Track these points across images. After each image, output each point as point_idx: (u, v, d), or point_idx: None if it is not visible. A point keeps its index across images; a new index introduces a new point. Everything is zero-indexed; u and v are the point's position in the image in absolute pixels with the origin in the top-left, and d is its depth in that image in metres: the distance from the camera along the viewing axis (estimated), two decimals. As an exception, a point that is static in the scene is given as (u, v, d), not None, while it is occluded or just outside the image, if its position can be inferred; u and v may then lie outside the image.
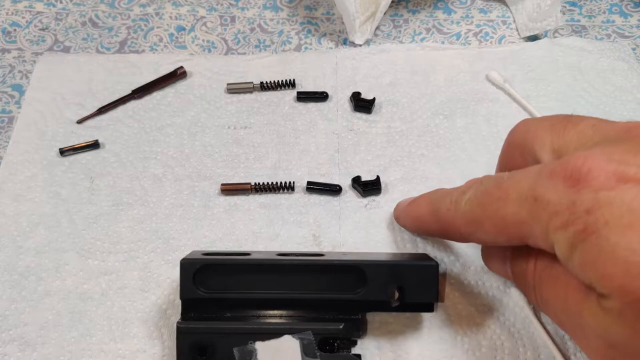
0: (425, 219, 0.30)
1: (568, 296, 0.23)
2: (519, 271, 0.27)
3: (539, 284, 0.25)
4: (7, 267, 0.34)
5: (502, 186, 0.24)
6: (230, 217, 0.36)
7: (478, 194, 0.26)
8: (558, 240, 0.22)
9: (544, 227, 0.22)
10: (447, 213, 0.28)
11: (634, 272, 0.19)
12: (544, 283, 0.25)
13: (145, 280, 0.34)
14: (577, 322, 0.23)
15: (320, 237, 0.35)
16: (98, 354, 0.32)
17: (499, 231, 0.25)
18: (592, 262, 0.21)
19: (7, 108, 0.41)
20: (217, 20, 0.46)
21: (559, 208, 0.21)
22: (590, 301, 0.22)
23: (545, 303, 0.25)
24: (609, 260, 0.20)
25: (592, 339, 0.22)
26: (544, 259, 0.25)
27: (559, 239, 0.22)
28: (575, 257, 0.21)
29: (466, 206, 0.26)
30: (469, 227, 0.26)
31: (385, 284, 0.29)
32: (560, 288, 0.24)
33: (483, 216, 0.25)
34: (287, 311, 0.30)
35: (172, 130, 0.40)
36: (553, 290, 0.24)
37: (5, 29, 0.45)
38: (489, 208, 0.25)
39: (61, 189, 0.37)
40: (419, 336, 0.32)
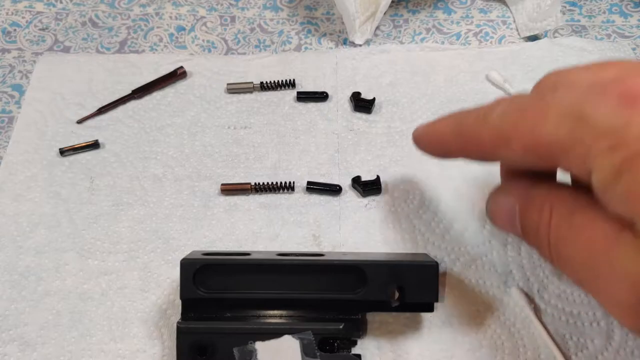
0: (447, 135, 0.27)
1: (594, 244, 0.21)
2: (531, 225, 0.24)
3: (556, 236, 0.23)
4: (7, 267, 0.34)
5: (541, 101, 0.22)
6: (230, 217, 0.36)
7: (511, 109, 0.23)
8: (600, 165, 0.19)
9: (585, 149, 0.20)
10: (472, 126, 0.25)
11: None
12: (562, 235, 0.23)
13: (145, 280, 0.34)
14: (604, 272, 0.21)
15: (320, 237, 0.35)
16: (98, 354, 0.32)
17: (529, 150, 0.22)
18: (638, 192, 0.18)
19: (7, 108, 0.41)
20: (217, 20, 0.46)
21: (609, 129, 0.19)
22: (624, 243, 0.20)
23: (562, 258, 0.23)
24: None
25: (621, 289, 0.20)
26: (562, 208, 0.23)
27: (601, 164, 0.19)
28: (619, 186, 0.19)
29: (496, 120, 0.23)
30: (495, 142, 0.23)
31: (385, 284, 0.29)
32: (583, 237, 0.22)
33: (514, 132, 0.22)
34: (287, 311, 0.30)
35: (172, 130, 0.40)
36: (573, 242, 0.22)
37: (5, 29, 0.45)
38: (523, 124, 0.22)
39: (61, 189, 0.37)
40: (419, 336, 0.32)
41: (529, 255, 0.33)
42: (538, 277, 0.33)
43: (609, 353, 0.31)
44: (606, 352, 0.31)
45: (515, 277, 0.33)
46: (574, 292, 0.32)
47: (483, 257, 0.34)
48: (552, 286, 0.32)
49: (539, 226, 0.24)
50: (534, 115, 0.22)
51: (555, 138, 0.21)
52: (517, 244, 0.34)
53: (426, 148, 0.29)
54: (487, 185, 0.36)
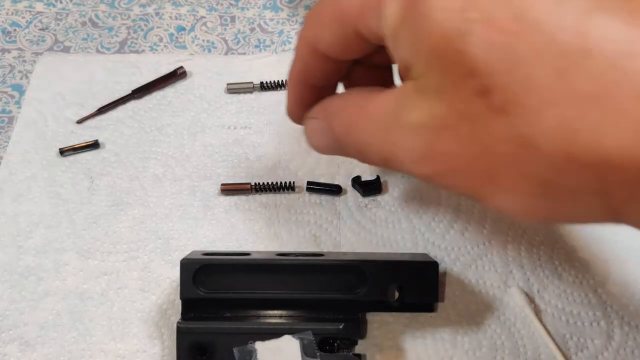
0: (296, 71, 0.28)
1: (385, 111, 0.22)
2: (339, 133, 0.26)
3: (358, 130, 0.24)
4: (7, 267, 0.34)
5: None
6: (230, 217, 0.36)
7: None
8: (389, 13, 0.21)
9: (376, 1, 0.21)
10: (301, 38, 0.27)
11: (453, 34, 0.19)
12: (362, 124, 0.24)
13: (145, 280, 0.34)
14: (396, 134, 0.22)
15: (320, 237, 0.35)
16: (98, 354, 0.32)
17: (335, 20, 0.24)
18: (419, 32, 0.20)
19: (7, 108, 0.41)
20: (217, 20, 0.46)
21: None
22: (408, 94, 0.21)
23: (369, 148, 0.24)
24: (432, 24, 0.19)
25: (411, 140, 0.21)
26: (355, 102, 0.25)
27: (390, 11, 0.21)
28: (404, 29, 0.20)
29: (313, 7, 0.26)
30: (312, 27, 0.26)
31: (385, 284, 0.29)
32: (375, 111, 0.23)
33: (322, 8, 0.25)
34: (287, 311, 0.30)
35: (172, 130, 0.40)
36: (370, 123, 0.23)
37: (5, 29, 0.45)
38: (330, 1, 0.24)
39: (61, 189, 0.37)
40: (419, 336, 0.32)
41: (529, 255, 0.33)
42: (538, 277, 0.33)
43: (609, 353, 0.31)
44: (606, 352, 0.31)
45: (515, 277, 0.33)
46: (574, 292, 0.32)
47: (483, 257, 0.34)
48: (552, 286, 0.32)
49: (341, 129, 0.25)
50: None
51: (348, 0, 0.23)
52: (517, 244, 0.34)
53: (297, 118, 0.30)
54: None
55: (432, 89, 0.20)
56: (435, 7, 0.19)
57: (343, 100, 0.26)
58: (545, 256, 0.33)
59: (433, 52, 0.19)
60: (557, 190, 0.19)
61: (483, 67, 0.18)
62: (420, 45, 0.20)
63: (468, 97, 0.19)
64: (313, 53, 0.26)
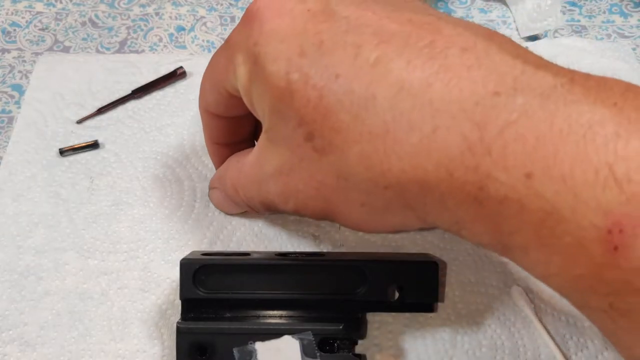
0: None
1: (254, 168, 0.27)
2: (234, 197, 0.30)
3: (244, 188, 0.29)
4: (6, 267, 0.34)
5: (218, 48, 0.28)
6: (230, 217, 0.36)
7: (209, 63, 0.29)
8: (241, 74, 0.24)
9: (233, 65, 0.25)
10: None
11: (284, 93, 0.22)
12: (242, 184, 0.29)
13: (145, 280, 0.34)
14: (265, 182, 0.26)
15: (320, 237, 0.35)
16: (98, 354, 0.32)
17: (213, 84, 0.28)
18: (262, 90, 0.23)
19: (7, 108, 0.41)
20: (217, 20, 0.46)
21: (240, 45, 0.24)
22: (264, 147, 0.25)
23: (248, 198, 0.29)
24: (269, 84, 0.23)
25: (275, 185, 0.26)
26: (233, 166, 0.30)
27: (241, 73, 0.24)
28: (253, 88, 0.24)
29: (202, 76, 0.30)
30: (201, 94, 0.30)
31: (385, 284, 0.29)
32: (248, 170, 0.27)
33: (205, 76, 0.29)
34: (287, 311, 0.30)
35: (172, 130, 0.40)
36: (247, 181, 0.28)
37: (5, 29, 0.45)
38: (209, 65, 0.29)
39: (61, 189, 0.37)
40: (419, 336, 0.32)
41: (529, 255, 0.33)
42: (538, 277, 0.33)
43: (609, 353, 0.31)
44: (606, 352, 0.31)
45: (515, 277, 0.33)
46: (574, 292, 0.32)
47: (483, 257, 0.34)
48: (552, 286, 0.32)
49: (230, 192, 0.30)
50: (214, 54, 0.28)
51: (222, 64, 0.26)
52: (517, 244, 0.34)
53: None
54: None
55: (279, 138, 0.24)
56: (268, 71, 0.23)
57: (227, 165, 0.31)
58: (545, 256, 0.33)
59: (273, 107, 0.23)
60: (375, 209, 0.23)
61: (305, 117, 0.22)
62: (265, 101, 0.24)
63: (300, 143, 0.23)
64: (209, 116, 0.31)
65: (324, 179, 0.23)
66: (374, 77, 0.21)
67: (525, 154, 0.18)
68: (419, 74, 0.20)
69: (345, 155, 0.22)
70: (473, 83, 0.20)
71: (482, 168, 0.19)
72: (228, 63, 0.26)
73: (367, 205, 0.23)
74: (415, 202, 0.22)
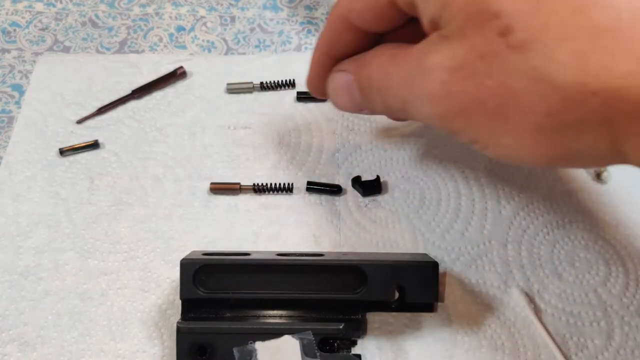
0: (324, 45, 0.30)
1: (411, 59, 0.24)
2: (367, 83, 0.27)
3: (385, 79, 0.26)
4: (7, 267, 0.34)
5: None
6: (230, 217, 0.36)
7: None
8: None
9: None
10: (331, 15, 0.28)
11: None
12: (390, 73, 0.25)
13: (145, 280, 0.34)
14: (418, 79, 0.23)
15: (320, 237, 0.35)
16: (98, 354, 0.32)
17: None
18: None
19: (7, 108, 0.41)
20: (217, 20, 0.46)
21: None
22: (433, 41, 0.23)
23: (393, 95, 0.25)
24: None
25: (430, 82, 0.23)
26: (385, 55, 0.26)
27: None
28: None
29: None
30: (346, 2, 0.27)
31: (385, 284, 0.29)
32: (403, 60, 0.24)
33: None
34: (287, 311, 0.30)
35: (172, 130, 0.40)
36: (397, 71, 0.25)
37: (5, 29, 0.45)
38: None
39: (61, 189, 0.37)
40: (419, 336, 0.32)
41: (529, 255, 0.33)
42: (538, 277, 0.33)
43: (609, 353, 0.31)
44: (606, 352, 0.31)
45: (515, 277, 0.33)
46: (574, 292, 0.32)
47: (483, 257, 0.34)
48: (552, 286, 0.32)
49: (369, 78, 0.27)
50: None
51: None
52: (517, 244, 0.34)
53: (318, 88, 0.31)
54: (487, 185, 0.36)
55: (456, 33, 0.21)
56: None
57: (374, 52, 0.27)
58: (545, 256, 0.33)
59: (461, 1, 0.21)
60: (564, 123, 0.20)
61: (507, 9, 0.20)
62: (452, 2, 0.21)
63: (490, 37, 0.20)
64: (344, 24, 0.27)
65: (509, 79, 0.20)
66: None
67: None
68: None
69: (551, 52, 0.19)
70: None
71: None
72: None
73: (555, 115, 0.20)
74: (622, 116, 0.19)
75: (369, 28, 0.27)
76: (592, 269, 0.33)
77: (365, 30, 0.27)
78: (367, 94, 0.27)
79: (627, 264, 0.33)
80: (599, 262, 0.33)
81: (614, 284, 0.32)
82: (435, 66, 0.22)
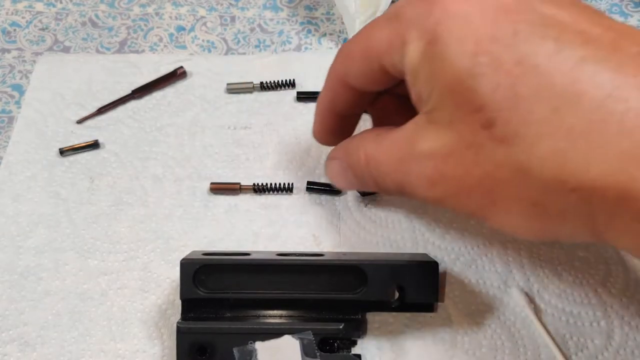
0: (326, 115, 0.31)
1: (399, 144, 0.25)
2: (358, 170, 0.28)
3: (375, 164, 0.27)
4: (6, 267, 0.34)
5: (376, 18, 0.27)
6: (230, 217, 0.36)
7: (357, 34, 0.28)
8: (411, 51, 0.23)
9: (401, 40, 0.24)
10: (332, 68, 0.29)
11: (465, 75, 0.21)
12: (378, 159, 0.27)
13: (145, 280, 0.34)
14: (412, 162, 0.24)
15: (320, 237, 0.35)
16: (98, 354, 0.32)
17: (365, 56, 0.26)
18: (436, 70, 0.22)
19: (7, 108, 0.41)
20: (217, 20, 0.46)
21: (415, 22, 0.23)
22: (421, 125, 0.24)
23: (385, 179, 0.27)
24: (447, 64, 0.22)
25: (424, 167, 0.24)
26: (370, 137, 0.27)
27: (412, 50, 0.23)
28: (424, 68, 0.23)
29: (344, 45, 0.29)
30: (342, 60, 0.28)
31: (385, 284, 0.29)
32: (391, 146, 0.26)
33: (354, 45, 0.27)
34: (287, 311, 0.30)
35: (172, 130, 0.40)
36: (386, 157, 0.26)
37: (5, 29, 0.45)
38: (360, 35, 0.27)
39: (61, 189, 0.37)
40: (419, 336, 0.32)
41: (529, 255, 0.33)
42: (538, 277, 0.33)
43: (609, 353, 0.31)
44: (606, 352, 0.31)
45: (515, 277, 0.33)
46: (574, 292, 0.32)
47: (483, 257, 0.34)
48: (552, 286, 0.32)
49: (359, 164, 0.28)
50: (369, 26, 0.27)
51: (381, 36, 0.25)
52: (517, 244, 0.34)
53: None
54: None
55: (444, 121, 0.23)
56: (450, 50, 0.22)
57: (361, 137, 0.29)
58: (545, 256, 0.33)
59: (446, 88, 0.22)
60: (547, 212, 0.21)
61: (489, 104, 0.21)
62: (436, 82, 0.22)
63: (474, 128, 0.21)
64: (341, 85, 0.29)
65: (494, 170, 0.22)
66: (579, 75, 0.20)
67: None
68: (632, 80, 0.19)
69: (532, 147, 0.20)
70: None
71: None
72: (394, 38, 0.24)
73: (539, 206, 0.21)
74: (602, 211, 0.20)
75: (366, 89, 0.28)
76: (592, 269, 0.33)
77: (362, 90, 0.28)
78: (360, 180, 0.29)
79: (627, 264, 0.33)
80: (599, 262, 0.33)
81: (614, 284, 0.32)
82: (426, 152, 0.23)
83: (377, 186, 0.28)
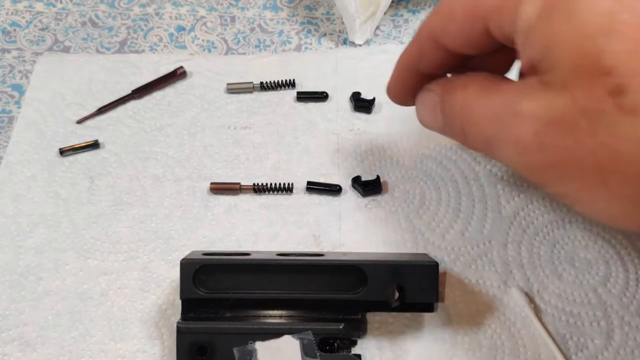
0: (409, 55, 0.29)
1: (502, 97, 0.23)
2: (450, 109, 0.26)
3: (469, 109, 0.25)
4: (7, 267, 0.34)
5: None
6: (230, 217, 0.36)
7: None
8: (527, 10, 0.21)
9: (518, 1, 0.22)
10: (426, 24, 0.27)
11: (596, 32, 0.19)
12: (475, 105, 0.24)
13: (145, 280, 0.34)
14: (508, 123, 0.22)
15: (320, 237, 0.35)
16: (98, 354, 0.32)
17: (468, 14, 0.24)
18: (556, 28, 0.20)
19: (7, 108, 0.41)
20: (217, 20, 0.46)
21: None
22: (530, 85, 0.21)
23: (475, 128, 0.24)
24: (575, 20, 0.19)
25: (522, 129, 0.22)
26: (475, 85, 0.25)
27: (528, 8, 0.21)
28: (541, 27, 0.21)
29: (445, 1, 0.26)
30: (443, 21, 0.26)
31: (385, 284, 0.29)
32: (492, 96, 0.23)
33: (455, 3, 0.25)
34: (287, 311, 0.30)
35: (172, 130, 0.40)
36: (484, 106, 0.24)
37: (5, 29, 0.45)
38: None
39: (61, 189, 0.37)
40: (419, 336, 0.32)
41: (529, 255, 0.33)
42: (538, 277, 0.33)
43: (609, 353, 0.31)
44: (606, 352, 0.31)
45: (515, 277, 0.33)
46: (574, 292, 0.32)
47: (483, 257, 0.34)
48: (552, 286, 0.32)
49: (454, 105, 0.26)
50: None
51: None
52: (517, 244, 0.34)
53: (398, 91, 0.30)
54: (487, 185, 0.36)
55: (558, 83, 0.20)
56: (583, 6, 0.19)
57: (465, 80, 0.26)
58: (545, 256, 0.33)
59: (569, 49, 0.20)
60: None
61: (621, 68, 0.18)
62: (556, 42, 0.20)
63: (598, 94, 0.19)
64: (433, 43, 0.26)
65: (614, 143, 0.19)
66: None
67: None
68: None
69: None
70: None
71: None
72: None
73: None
74: None
75: (459, 51, 0.26)
76: (592, 269, 0.33)
77: (455, 52, 0.26)
78: (449, 120, 0.27)
79: (627, 264, 0.33)
80: (599, 262, 0.33)
81: (614, 284, 0.32)
82: (529, 113, 0.21)
83: (463, 135, 0.25)
